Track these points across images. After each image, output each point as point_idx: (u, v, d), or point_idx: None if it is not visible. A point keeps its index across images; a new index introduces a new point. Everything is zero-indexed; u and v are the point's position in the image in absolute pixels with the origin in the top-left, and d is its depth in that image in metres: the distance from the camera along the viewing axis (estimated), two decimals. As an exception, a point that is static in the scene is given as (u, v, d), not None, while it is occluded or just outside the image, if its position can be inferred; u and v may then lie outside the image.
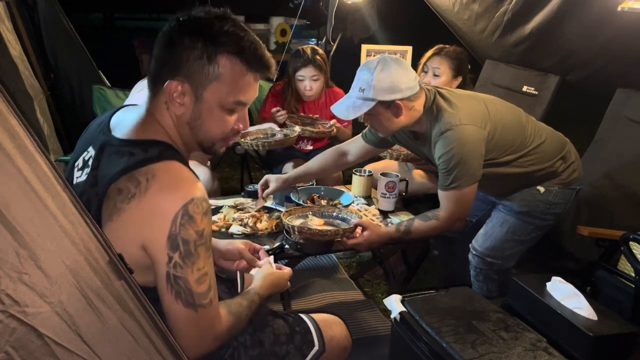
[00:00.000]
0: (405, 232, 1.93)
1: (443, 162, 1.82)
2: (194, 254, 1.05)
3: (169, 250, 1.03)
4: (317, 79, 2.89)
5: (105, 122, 1.22)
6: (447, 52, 2.68)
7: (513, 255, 2.06)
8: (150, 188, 1.03)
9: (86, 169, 1.15)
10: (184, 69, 1.11)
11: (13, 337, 0.73)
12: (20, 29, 3.26)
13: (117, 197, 1.04)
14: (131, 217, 1.04)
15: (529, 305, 1.55)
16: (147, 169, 1.05)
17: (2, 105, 0.72)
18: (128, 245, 1.04)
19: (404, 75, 1.83)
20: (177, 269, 1.04)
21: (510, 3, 3.03)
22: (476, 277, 2.10)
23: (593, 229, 2.02)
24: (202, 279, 1.07)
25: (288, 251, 1.94)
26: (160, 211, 1.03)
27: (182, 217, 1.03)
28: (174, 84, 1.11)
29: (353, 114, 1.87)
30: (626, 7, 2.12)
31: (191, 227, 1.04)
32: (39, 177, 0.77)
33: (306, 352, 1.35)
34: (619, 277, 1.68)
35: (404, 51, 3.99)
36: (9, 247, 0.72)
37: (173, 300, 1.06)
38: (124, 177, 1.04)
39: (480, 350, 1.31)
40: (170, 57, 1.12)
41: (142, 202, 1.03)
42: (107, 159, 1.11)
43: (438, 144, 1.83)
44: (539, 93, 3.14)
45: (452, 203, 1.86)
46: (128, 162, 1.06)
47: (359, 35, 4.40)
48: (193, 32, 1.11)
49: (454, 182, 1.83)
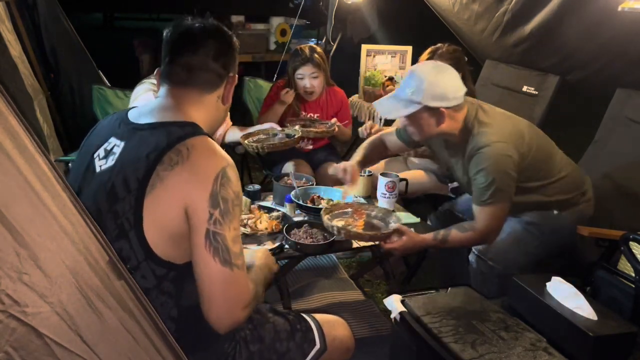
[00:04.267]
0: (442, 240, 1.95)
1: (480, 177, 1.86)
2: (231, 213, 1.13)
3: (210, 207, 1.10)
4: (316, 76, 2.89)
5: (122, 118, 1.28)
6: (441, 54, 2.60)
7: (514, 263, 2.03)
8: (192, 155, 1.13)
9: (112, 155, 1.21)
10: (233, 62, 1.31)
11: (13, 337, 0.73)
12: (20, 29, 3.26)
13: (160, 166, 1.11)
14: (175, 180, 1.11)
15: (529, 305, 1.55)
16: (186, 142, 1.14)
17: (2, 105, 0.72)
18: (170, 209, 1.10)
19: (454, 84, 1.86)
20: (216, 225, 1.10)
21: (510, 3, 3.03)
22: (474, 277, 2.10)
23: (593, 229, 2.02)
24: (236, 239, 1.15)
25: (288, 251, 1.94)
26: (203, 171, 1.12)
27: (222, 177, 1.13)
28: (235, 78, 1.33)
29: (396, 113, 1.92)
30: (626, 7, 2.12)
31: (230, 187, 1.14)
32: (39, 177, 0.77)
33: (307, 350, 1.36)
34: (619, 277, 1.68)
35: (404, 51, 3.99)
36: (9, 247, 0.72)
37: (211, 258, 1.10)
38: (170, 150, 1.12)
39: (480, 350, 1.31)
40: (223, 53, 1.28)
41: (186, 166, 1.11)
42: (142, 139, 1.18)
43: (475, 158, 1.87)
44: (539, 93, 3.14)
45: (488, 217, 1.90)
46: (169, 138, 1.15)
47: (359, 35, 4.40)
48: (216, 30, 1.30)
49: (490, 197, 1.86)
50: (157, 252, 1.12)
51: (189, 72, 1.26)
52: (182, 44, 1.28)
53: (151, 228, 1.11)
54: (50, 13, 3.47)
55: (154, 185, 1.10)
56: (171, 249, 1.13)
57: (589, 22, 2.64)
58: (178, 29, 1.29)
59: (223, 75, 1.30)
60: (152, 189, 1.10)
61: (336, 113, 3.10)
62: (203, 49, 1.26)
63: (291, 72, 2.92)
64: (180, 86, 1.27)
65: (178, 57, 1.27)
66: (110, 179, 1.16)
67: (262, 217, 2.09)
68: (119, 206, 1.12)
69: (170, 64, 1.28)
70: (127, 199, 1.11)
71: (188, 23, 1.29)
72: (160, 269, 1.13)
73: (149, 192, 1.10)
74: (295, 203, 2.16)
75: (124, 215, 1.11)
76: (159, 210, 1.10)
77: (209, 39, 1.27)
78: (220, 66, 1.28)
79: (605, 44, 2.64)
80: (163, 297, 1.15)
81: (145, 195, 1.10)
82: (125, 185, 1.12)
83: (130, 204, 1.11)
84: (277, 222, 2.08)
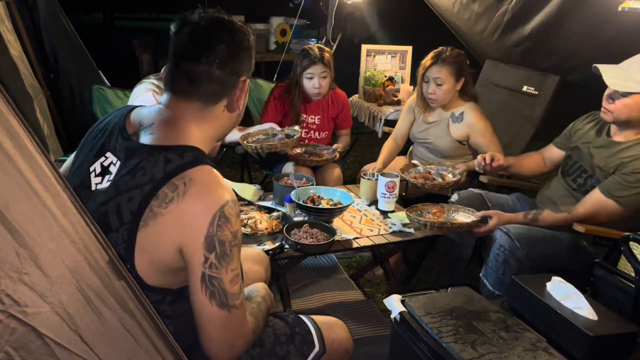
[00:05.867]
0: (532, 219, 2.04)
1: (634, 176, 1.90)
2: (229, 255, 1.08)
3: (205, 251, 1.05)
4: (325, 76, 2.89)
5: (120, 126, 1.20)
6: (445, 59, 2.62)
7: (539, 254, 1.99)
8: (189, 192, 1.05)
9: (108, 175, 1.14)
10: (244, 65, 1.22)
11: (13, 337, 0.73)
12: (20, 29, 3.26)
13: (154, 202, 1.05)
14: (169, 220, 1.05)
15: (529, 305, 1.55)
16: (184, 174, 1.07)
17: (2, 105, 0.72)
18: (164, 248, 1.06)
19: None
20: (212, 269, 1.06)
21: (510, 3, 3.03)
22: (496, 257, 2.04)
23: (590, 227, 2.01)
24: (235, 280, 1.09)
25: (288, 251, 1.94)
26: (198, 213, 1.05)
27: (220, 219, 1.06)
28: (247, 81, 1.23)
29: (620, 85, 1.94)
30: (626, 7, 2.12)
31: (227, 228, 1.07)
32: (39, 177, 0.77)
33: (307, 353, 1.35)
34: (619, 277, 1.68)
35: (404, 51, 3.99)
36: (9, 247, 0.72)
37: (207, 302, 1.06)
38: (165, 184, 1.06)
39: (480, 350, 1.31)
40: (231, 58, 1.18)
41: (181, 205, 1.05)
42: (140, 164, 1.10)
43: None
44: (539, 93, 3.14)
45: (599, 209, 1.94)
46: (166, 169, 1.08)
47: (359, 35, 4.39)
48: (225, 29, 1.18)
49: (623, 198, 1.90)
50: (149, 282, 1.09)
51: (191, 83, 1.17)
52: (185, 48, 1.18)
53: (143, 262, 1.07)
54: (50, 13, 3.47)
55: (147, 222, 1.05)
56: (164, 279, 1.10)
57: (589, 22, 2.63)
58: (182, 28, 1.18)
59: (231, 83, 1.20)
60: (145, 224, 1.05)
61: (337, 115, 3.11)
62: (207, 57, 1.15)
63: (300, 71, 2.90)
64: (181, 98, 1.18)
65: (180, 63, 1.18)
66: (105, 204, 1.10)
67: (262, 217, 2.09)
68: (111, 237, 1.06)
69: (172, 70, 1.19)
70: (120, 231, 1.06)
71: (195, 20, 1.17)
72: (154, 295, 1.10)
73: (141, 227, 1.05)
74: (295, 203, 2.16)
75: (116, 248, 1.04)
76: (152, 246, 1.06)
77: (216, 43, 1.16)
78: (227, 74, 1.18)
79: (605, 44, 2.63)
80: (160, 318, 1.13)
81: (138, 230, 1.05)
82: (119, 216, 1.07)
83: (123, 238, 1.06)
84: (277, 222, 2.08)
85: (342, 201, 2.23)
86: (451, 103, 2.74)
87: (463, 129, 2.70)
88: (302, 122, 3.02)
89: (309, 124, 3.06)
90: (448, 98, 2.70)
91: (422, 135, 2.85)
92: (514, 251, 1.97)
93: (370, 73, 3.91)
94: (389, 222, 2.26)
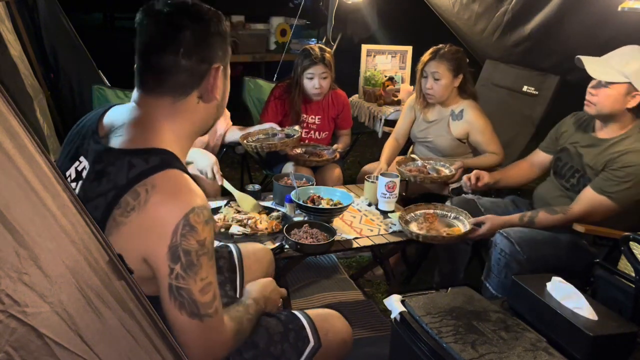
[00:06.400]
0: (528, 222, 2.04)
1: (624, 170, 1.90)
2: (197, 264, 1.03)
3: (170, 262, 1.01)
4: (326, 77, 2.89)
5: (94, 126, 1.16)
6: (443, 54, 2.65)
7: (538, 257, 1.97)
8: (150, 200, 1.00)
9: (80, 181, 1.11)
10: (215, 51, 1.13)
11: (13, 337, 0.73)
12: (20, 29, 3.26)
13: (116, 210, 1.01)
14: (130, 230, 1.01)
15: (529, 305, 1.55)
16: (146, 180, 1.01)
17: (2, 105, 0.72)
18: (129, 259, 1.01)
19: None
20: (179, 280, 1.02)
21: (510, 3, 3.03)
22: (498, 261, 2.02)
23: (590, 227, 2.01)
24: (206, 289, 1.05)
25: (288, 251, 1.94)
26: (160, 223, 1.00)
27: (183, 228, 1.00)
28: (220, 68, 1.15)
29: (603, 75, 1.97)
30: (626, 7, 2.12)
31: (193, 237, 1.01)
32: (39, 177, 0.77)
33: (302, 348, 1.33)
34: (619, 277, 1.68)
35: (404, 51, 3.99)
36: (9, 247, 0.72)
37: (177, 312, 1.04)
38: (127, 191, 1.01)
39: (480, 350, 1.31)
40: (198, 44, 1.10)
41: (142, 214, 1.00)
42: (105, 169, 1.07)
43: (632, 155, 1.92)
44: (539, 93, 3.14)
45: (593, 207, 1.94)
46: (128, 176, 1.02)
47: (359, 35, 4.40)
48: (190, 15, 1.10)
49: (616, 193, 1.90)
50: None
51: (158, 77, 1.11)
52: (149, 40, 1.11)
53: None
54: (50, 13, 3.47)
55: (111, 232, 1.01)
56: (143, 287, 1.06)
57: (589, 22, 2.63)
58: (145, 18, 1.11)
59: (201, 71, 1.12)
60: (109, 234, 1.01)
61: (337, 115, 3.11)
62: (171, 46, 1.08)
63: (300, 71, 2.90)
64: (150, 94, 1.12)
65: (145, 56, 1.12)
66: None
67: (262, 217, 2.10)
68: None
69: (139, 65, 1.13)
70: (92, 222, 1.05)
71: (157, 7, 1.10)
72: None
73: (107, 237, 1.01)
74: (295, 203, 2.16)
75: None
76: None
77: (179, 29, 1.08)
78: (195, 62, 1.10)
79: (605, 44, 2.63)
80: None
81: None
82: None
83: None
84: (277, 222, 2.08)
85: (342, 201, 2.23)
86: (450, 100, 2.75)
87: (463, 126, 2.71)
88: (303, 122, 3.02)
89: (309, 124, 3.06)
90: (446, 94, 2.71)
91: (422, 135, 2.85)
92: (515, 255, 1.97)
93: (370, 73, 3.91)
94: (389, 222, 2.26)
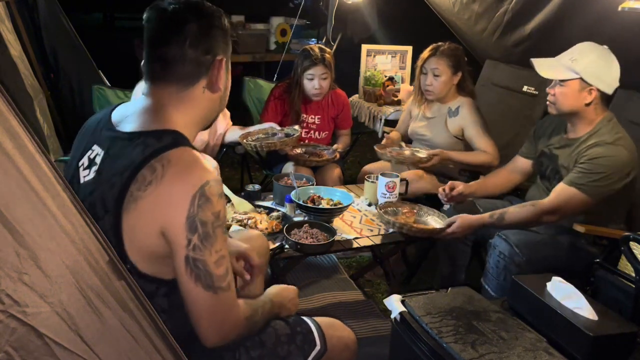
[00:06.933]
0: (498, 219, 2.02)
1: (592, 163, 1.92)
2: (212, 236, 1.07)
3: (187, 233, 1.04)
4: (326, 77, 2.89)
5: (105, 120, 1.23)
6: (443, 51, 2.68)
7: (537, 259, 1.97)
8: (167, 174, 1.05)
9: (94, 166, 1.16)
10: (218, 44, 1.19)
11: (13, 337, 0.73)
12: (20, 29, 3.26)
13: (133, 186, 1.05)
14: (149, 203, 1.05)
15: (529, 305, 1.55)
16: (162, 156, 1.06)
17: (2, 105, 0.72)
18: (147, 233, 1.06)
19: (614, 75, 1.97)
20: (196, 251, 1.05)
21: (510, 3, 3.03)
22: (497, 263, 2.02)
23: (590, 227, 2.00)
24: (220, 262, 1.09)
25: (288, 251, 1.94)
26: (177, 194, 1.04)
27: (200, 199, 1.04)
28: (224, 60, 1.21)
29: (553, 73, 2.01)
30: (626, 7, 2.12)
31: (208, 208, 1.06)
32: (39, 177, 0.77)
33: (308, 351, 1.35)
34: (619, 277, 1.68)
35: (404, 51, 3.99)
36: (9, 247, 0.72)
37: (193, 284, 1.06)
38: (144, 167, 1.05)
39: (480, 350, 1.31)
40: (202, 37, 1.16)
41: (159, 187, 1.04)
42: (120, 151, 1.12)
43: (597, 148, 1.93)
44: (539, 93, 3.13)
45: (565, 199, 1.94)
46: (144, 153, 1.07)
47: (359, 35, 4.40)
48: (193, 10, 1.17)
49: (586, 185, 1.90)
50: (142, 269, 1.09)
51: (164, 66, 1.17)
52: (154, 33, 1.18)
53: (132, 248, 1.07)
54: (50, 13, 3.47)
55: (129, 208, 1.05)
56: (155, 266, 1.10)
57: (589, 22, 2.63)
58: (151, 15, 1.19)
59: (205, 62, 1.18)
60: (127, 211, 1.05)
61: (337, 115, 3.11)
62: (177, 37, 1.15)
63: (300, 72, 2.90)
64: (157, 83, 1.19)
65: (153, 49, 1.18)
66: (91, 194, 1.12)
67: (262, 217, 2.09)
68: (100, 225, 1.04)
69: (147, 59, 1.20)
70: (107, 219, 1.07)
71: (162, 5, 1.18)
72: (149, 285, 1.10)
73: (124, 213, 1.05)
74: (295, 203, 2.16)
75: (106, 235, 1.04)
76: (137, 232, 1.06)
77: (184, 23, 1.15)
78: (200, 53, 1.17)
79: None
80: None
81: (122, 216, 1.06)
82: (103, 204, 1.08)
83: (110, 224, 1.06)
84: (277, 222, 2.08)
85: (342, 201, 2.23)
86: (448, 97, 2.76)
87: (458, 122, 2.73)
88: (302, 122, 3.02)
89: (309, 124, 3.06)
90: (445, 91, 2.72)
91: (421, 131, 2.86)
92: (513, 257, 1.97)
93: (370, 73, 3.90)
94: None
